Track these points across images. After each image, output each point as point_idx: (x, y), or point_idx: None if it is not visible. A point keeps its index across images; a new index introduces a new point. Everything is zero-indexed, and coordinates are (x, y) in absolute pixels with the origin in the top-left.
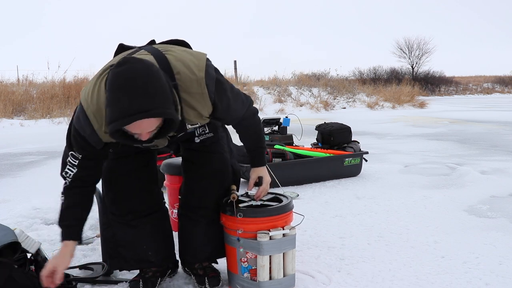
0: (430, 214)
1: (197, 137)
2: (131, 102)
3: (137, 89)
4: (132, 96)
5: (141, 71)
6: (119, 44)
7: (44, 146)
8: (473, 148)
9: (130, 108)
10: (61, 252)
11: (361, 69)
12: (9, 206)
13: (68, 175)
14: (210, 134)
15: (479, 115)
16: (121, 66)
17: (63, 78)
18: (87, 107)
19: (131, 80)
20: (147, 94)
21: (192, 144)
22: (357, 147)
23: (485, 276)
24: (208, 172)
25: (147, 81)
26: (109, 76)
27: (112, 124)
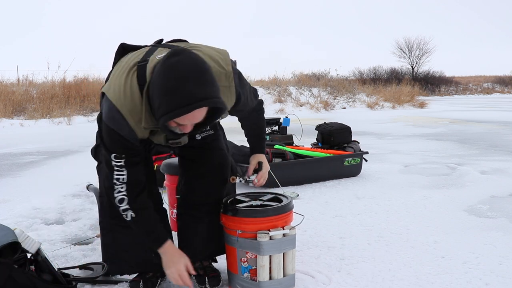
0: (430, 214)
1: (198, 134)
2: (192, 90)
3: (196, 78)
4: (193, 85)
5: (197, 62)
6: (120, 43)
7: (44, 146)
8: (473, 148)
9: (192, 97)
10: (172, 252)
11: (361, 69)
12: (9, 206)
13: (121, 180)
14: (211, 131)
15: (479, 115)
16: (176, 57)
17: (63, 78)
18: (121, 106)
19: (189, 69)
20: (206, 83)
21: (193, 142)
22: (357, 147)
23: (485, 276)
24: (210, 169)
25: (203, 71)
26: (162, 67)
27: (172, 112)
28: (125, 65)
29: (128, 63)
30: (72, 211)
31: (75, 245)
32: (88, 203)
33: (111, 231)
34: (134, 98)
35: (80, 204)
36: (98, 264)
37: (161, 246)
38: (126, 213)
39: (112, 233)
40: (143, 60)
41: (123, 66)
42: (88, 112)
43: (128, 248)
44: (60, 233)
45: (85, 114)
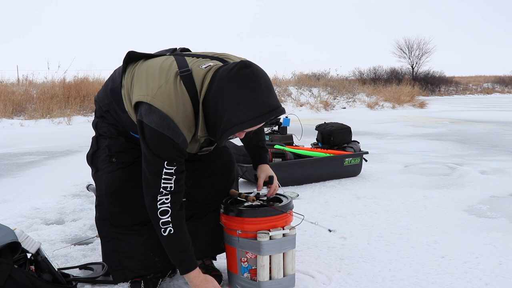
0: (430, 214)
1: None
2: (268, 100)
3: (268, 89)
4: (267, 95)
5: (265, 73)
6: (128, 52)
7: (44, 146)
8: (473, 148)
9: (268, 106)
10: (201, 280)
11: (361, 69)
12: (9, 206)
13: (168, 189)
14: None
15: (479, 115)
16: (248, 68)
17: (63, 78)
18: (175, 115)
19: (262, 81)
20: (272, 90)
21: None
22: (357, 147)
23: (485, 276)
24: (218, 167)
25: (270, 83)
26: (236, 78)
27: (250, 121)
28: (162, 75)
29: (165, 72)
30: (72, 211)
31: (75, 245)
32: (88, 203)
33: (112, 239)
34: (186, 108)
35: (80, 204)
36: (98, 264)
37: (190, 272)
38: (166, 227)
39: (114, 241)
40: (184, 70)
41: (160, 76)
42: (88, 112)
43: (130, 255)
44: (60, 233)
45: (85, 114)
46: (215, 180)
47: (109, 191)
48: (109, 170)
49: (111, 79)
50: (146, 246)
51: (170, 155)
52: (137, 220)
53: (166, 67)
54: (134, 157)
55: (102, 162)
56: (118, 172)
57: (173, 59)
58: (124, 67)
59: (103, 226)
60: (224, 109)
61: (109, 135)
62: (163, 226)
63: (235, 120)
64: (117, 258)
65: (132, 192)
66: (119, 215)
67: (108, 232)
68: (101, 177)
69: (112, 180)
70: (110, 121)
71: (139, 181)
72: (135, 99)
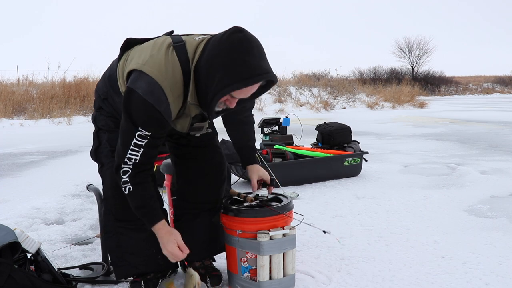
0: (430, 214)
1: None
2: (258, 63)
3: (260, 53)
4: (258, 59)
5: (256, 39)
6: (126, 38)
7: (44, 146)
8: (473, 148)
9: (259, 68)
10: (165, 233)
11: (361, 69)
12: (9, 206)
13: (133, 160)
14: (210, 130)
15: (479, 115)
16: (240, 33)
17: (63, 78)
18: (162, 80)
19: (253, 45)
20: (264, 55)
21: (191, 140)
22: (357, 147)
23: (485, 276)
24: (211, 167)
25: (262, 48)
26: (227, 41)
27: (239, 83)
28: (155, 46)
29: (158, 45)
30: (72, 211)
31: (75, 245)
32: (88, 203)
33: (116, 233)
34: (176, 75)
35: (80, 204)
36: (98, 264)
37: (155, 224)
38: (126, 185)
39: (117, 236)
40: (178, 42)
41: (153, 48)
42: (88, 112)
43: (133, 251)
44: (60, 233)
45: (85, 114)
46: (206, 179)
47: (113, 185)
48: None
49: (109, 67)
50: (149, 242)
51: (146, 123)
52: None
53: (160, 41)
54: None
55: (105, 157)
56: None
57: (168, 36)
58: (121, 53)
59: (108, 220)
60: (215, 71)
61: (107, 129)
62: (123, 185)
63: (226, 81)
64: (120, 253)
65: None
66: (123, 209)
67: (112, 226)
68: (105, 172)
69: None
70: (108, 111)
71: None
72: (128, 70)
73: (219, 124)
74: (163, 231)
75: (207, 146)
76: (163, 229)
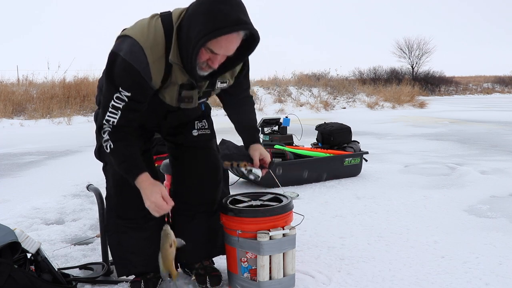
0: (430, 214)
1: (196, 130)
2: (235, 13)
3: (238, 6)
4: (235, 9)
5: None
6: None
7: (44, 146)
8: (473, 148)
9: (234, 19)
10: (148, 184)
11: (361, 69)
12: (9, 206)
13: (111, 122)
14: (208, 131)
15: (479, 115)
16: None
17: (63, 78)
18: (143, 41)
19: (233, 2)
20: (244, 10)
21: (188, 137)
22: (357, 147)
23: (485, 276)
24: (205, 170)
25: (242, 2)
26: None
27: (214, 32)
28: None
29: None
30: (72, 211)
31: (75, 245)
32: (88, 203)
33: (117, 232)
34: (157, 37)
35: (80, 204)
36: (98, 264)
37: (136, 178)
38: (106, 144)
39: (118, 235)
40: (164, 12)
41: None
42: (88, 112)
43: (134, 250)
44: (60, 233)
45: (85, 114)
46: (199, 180)
47: (116, 183)
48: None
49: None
50: (150, 241)
51: (125, 83)
52: (142, 214)
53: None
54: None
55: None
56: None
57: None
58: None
59: (110, 218)
60: (195, 24)
61: None
62: (104, 144)
63: (202, 32)
64: (121, 252)
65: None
66: (125, 207)
67: (114, 224)
68: (108, 171)
69: (118, 173)
70: None
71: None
72: (120, 35)
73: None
74: (146, 183)
75: (203, 147)
76: (146, 181)
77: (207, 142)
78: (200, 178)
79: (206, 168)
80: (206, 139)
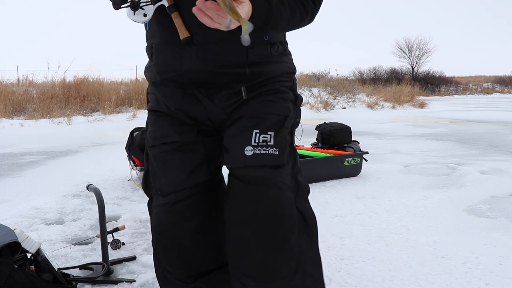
0: (430, 214)
1: (252, 146)
2: None
3: None
4: None
5: None
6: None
7: (44, 146)
8: (473, 148)
9: None
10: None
11: (361, 69)
12: (9, 206)
13: None
14: (274, 150)
15: (479, 115)
16: None
17: (63, 78)
18: None
19: None
20: None
21: (234, 156)
22: (357, 147)
23: (485, 276)
24: (255, 218)
25: None
26: None
27: None
28: None
29: None
30: (72, 211)
31: (75, 245)
32: (88, 203)
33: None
34: None
35: (80, 204)
36: (98, 264)
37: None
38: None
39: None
40: None
41: None
42: (88, 112)
43: None
44: (60, 233)
45: (85, 114)
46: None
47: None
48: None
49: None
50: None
51: None
52: (188, 274)
53: None
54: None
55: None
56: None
57: None
58: None
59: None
60: None
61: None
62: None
63: None
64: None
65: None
66: (166, 261)
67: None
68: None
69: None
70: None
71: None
72: None
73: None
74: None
75: (260, 182)
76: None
77: (270, 173)
78: (244, 242)
79: (259, 218)
80: (272, 165)
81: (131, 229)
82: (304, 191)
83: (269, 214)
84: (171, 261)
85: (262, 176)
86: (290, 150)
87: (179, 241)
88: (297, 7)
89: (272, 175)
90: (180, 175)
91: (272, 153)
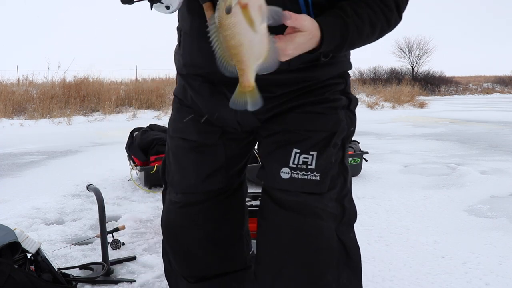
0: (430, 214)
1: (289, 168)
2: None
3: None
4: None
5: None
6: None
7: (44, 146)
8: (473, 148)
9: None
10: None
11: (361, 69)
12: (9, 206)
13: None
14: (315, 176)
15: (479, 115)
16: None
17: (63, 78)
18: None
19: None
20: None
21: (274, 178)
22: (357, 147)
23: (485, 276)
24: (289, 249)
25: None
26: None
27: None
28: None
29: None
30: (72, 211)
31: (75, 245)
32: (88, 203)
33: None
34: None
35: (80, 204)
36: (98, 264)
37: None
38: None
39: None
40: None
41: None
42: (88, 112)
43: None
44: (60, 233)
45: (85, 114)
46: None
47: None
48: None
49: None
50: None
51: None
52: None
53: None
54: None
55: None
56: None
57: None
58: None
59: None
60: None
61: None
62: None
63: None
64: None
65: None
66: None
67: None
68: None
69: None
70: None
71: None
72: None
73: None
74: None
75: (296, 209)
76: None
77: (308, 200)
78: (277, 272)
79: (293, 248)
80: (311, 191)
81: (131, 229)
82: (350, 218)
83: (305, 246)
84: (176, 259)
85: (300, 202)
86: (339, 170)
87: (187, 248)
88: (378, 20)
89: (311, 201)
90: (193, 178)
91: (312, 179)
